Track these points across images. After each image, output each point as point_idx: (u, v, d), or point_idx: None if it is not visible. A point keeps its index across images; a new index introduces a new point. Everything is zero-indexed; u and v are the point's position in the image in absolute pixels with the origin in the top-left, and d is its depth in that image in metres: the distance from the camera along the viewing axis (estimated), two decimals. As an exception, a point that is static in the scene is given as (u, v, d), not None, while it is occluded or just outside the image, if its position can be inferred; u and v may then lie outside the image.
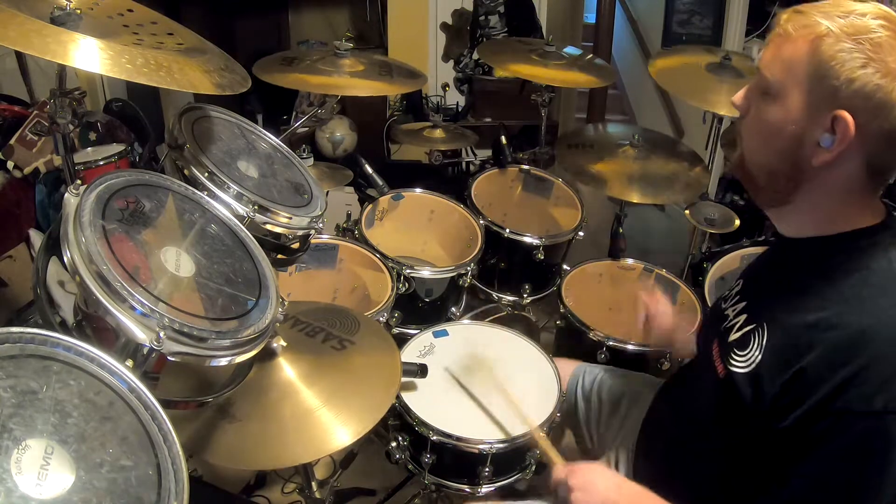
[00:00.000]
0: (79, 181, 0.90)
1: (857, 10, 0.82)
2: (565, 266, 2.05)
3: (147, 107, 2.66)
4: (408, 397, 1.40)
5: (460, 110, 3.62)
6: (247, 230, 1.06)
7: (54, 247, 0.82)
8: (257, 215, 1.10)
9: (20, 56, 2.49)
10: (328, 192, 2.04)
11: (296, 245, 1.22)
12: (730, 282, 1.31)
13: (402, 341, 1.54)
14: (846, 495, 0.84)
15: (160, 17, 1.21)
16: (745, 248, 1.99)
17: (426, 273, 1.82)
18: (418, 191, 2.10)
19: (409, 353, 1.53)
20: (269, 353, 1.13)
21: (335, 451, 1.58)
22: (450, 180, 3.01)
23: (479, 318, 2.01)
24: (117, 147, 2.26)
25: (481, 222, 1.99)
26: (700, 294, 1.87)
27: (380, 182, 2.02)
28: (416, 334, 1.60)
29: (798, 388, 0.85)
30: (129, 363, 0.77)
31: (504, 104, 3.41)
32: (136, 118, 2.48)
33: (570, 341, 1.82)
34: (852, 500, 0.84)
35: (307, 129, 3.03)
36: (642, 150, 2.10)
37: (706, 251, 2.26)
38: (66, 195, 0.84)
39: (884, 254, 0.88)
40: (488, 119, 3.49)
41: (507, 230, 1.97)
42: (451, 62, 3.76)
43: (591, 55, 2.42)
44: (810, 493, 0.85)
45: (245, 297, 0.95)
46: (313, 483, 1.39)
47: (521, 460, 1.42)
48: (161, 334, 0.78)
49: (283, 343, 1.14)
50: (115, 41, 0.97)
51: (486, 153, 3.14)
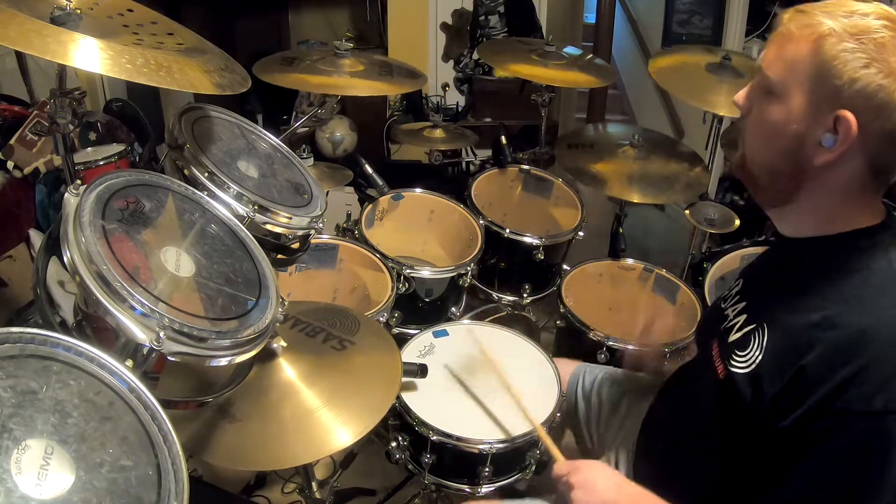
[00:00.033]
0: (79, 181, 0.90)
1: (860, 10, 0.82)
2: (565, 266, 2.05)
3: (147, 107, 2.65)
4: (408, 397, 1.40)
5: (460, 110, 3.62)
6: (247, 230, 1.06)
7: (54, 247, 0.82)
8: (257, 215, 1.10)
9: (20, 56, 2.49)
10: (328, 192, 2.04)
11: (296, 245, 1.22)
12: (730, 282, 1.31)
13: (402, 341, 1.54)
14: (846, 495, 0.84)
15: (160, 17, 1.21)
16: (745, 248, 1.99)
17: (426, 273, 1.82)
18: (418, 191, 2.10)
19: (409, 353, 1.53)
20: (270, 354, 1.13)
21: (335, 452, 1.58)
22: (450, 180, 3.01)
23: (479, 318, 2.01)
24: (117, 147, 2.26)
25: (481, 222, 1.99)
26: (700, 294, 1.87)
27: (380, 182, 2.01)
28: (416, 334, 1.60)
29: (798, 387, 0.85)
30: (129, 363, 0.77)
31: (504, 104, 3.41)
32: (136, 118, 2.48)
33: (570, 341, 1.82)
34: (853, 500, 0.84)
35: (307, 129, 3.03)
36: (642, 150, 2.10)
37: (706, 251, 2.26)
38: (66, 195, 0.84)
39: (884, 254, 0.88)
40: (488, 119, 3.49)
41: (507, 230, 1.97)
42: (451, 62, 3.76)
43: (591, 55, 2.42)
44: (810, 493, 0.85)
45: (245, 297, 0.95)
46: (313, 483, 1.39)
47: (521, 460, 1.42)
48: (161, 334, 0.78)
49: (283, 343, 1.14)
50: (115, 41, 0.97)
51: (486, 153, 3.13)
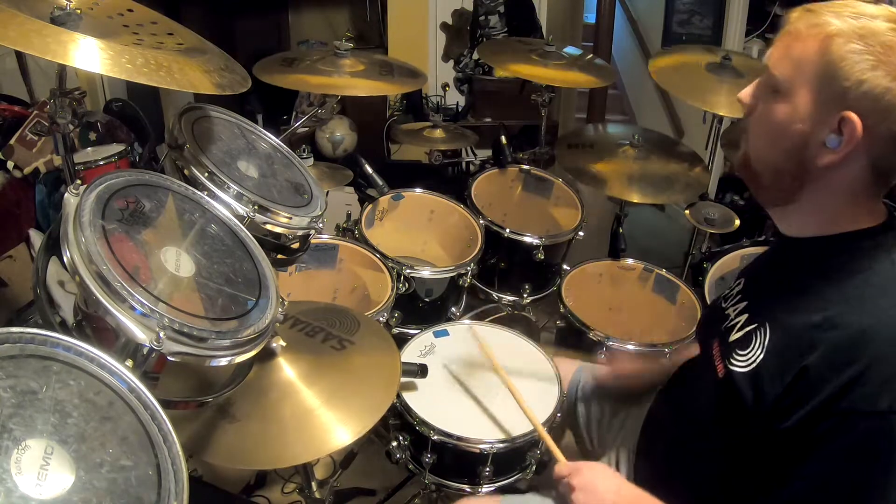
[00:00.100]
0: (79, 181, 0.90)
1: (869, 12, 0.82)
2: (565, 266, 2.05)
3: (147, 107, 2.66)
4: (409, 397, 1.40)
5: (460, 110, 3.61)
6: (247, 230, 1.06)
7: (54, 247, 0.82)
8: (257, 215, 1.10)
9: (20, 56, 2.49)
10: (328, 192, 2.04)
11: (296, 245, 1.22)
12: (730, 282, 1.31)
13: (402, 341, 1.54)
14: (850, 496, 0.83)
15: (160, 17, 1.21)
16: (745, 248, 1.99)
17: (426, 273, 1.82)
18: (418, 191, 2.10)
19: (410, 353, 1.53)
20: (269, 353, 1.13)
21: (335, 451, 1.58)
22: (450, 180, 3.01)
23: (479, 318, 2.01)
24: (117, 147, 2.26)
25: (481, 222, 1.99)
26: (700, 294, 1.87)
27: (380, 182, 2.01)
28: (416, 334, 1.60)
29: (801, 388, 0.84)
30: (129, 363, 0.77)
31: (504, 104, 3.41)
32: (136, 118, 2.48)
33: (570, 341, 1.82)
34: (856, 501, 0.83)
35: (307, 129, 3.03)
36: (642, 150, 2.10)
37: (706, 251, 2.26)
38: (66, 195, 0.84)
39: (886, 255, 0.88)
40: (488, 119, 3.49)
41: (507, 230, 1.97)
42: (451, 62, 3.76)
43: (591, 55, 2.42)
44: (813, 494, 0.85)
45: (245, 297, 0.95)
46: (313, 483, 1.39)
47: (521, 460, 1.42)
48: (161, 334, 0.78)
49: (282, 343, 1.14)
50: (115, 41, 0.97)
51: (486, 153, 3.13)
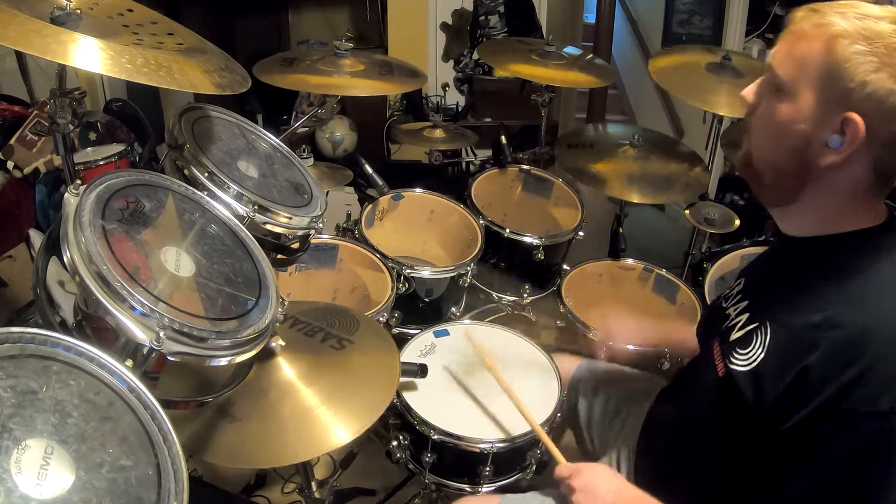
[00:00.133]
0: (79, 181, 0.90)
1: (874, 14, 0.82)
2: (565, 266, 2.05)
3: (147, 107, 2.66)
4: (409, 396, 1.40)
5: (460, 110, 3.62)
6: (247, 230, 1.06)
7: (54, 247, 0.82)
8: (257, 215, 1.10)
9: (20, 56, 2.49)
10: (328, 192, 2.04)
11: (296, 245, 1.22)
12: (730, 282, 1.31)
13: (402, 341, 1.55)
14: (851, 497, 0.84)
15: (160, 17, 1.21)
16: (745, 248, 1.99)
17: (426, 273, 1.82)
18: (418, 191, 2.10)
19: (410, 353, 1.53)
20: (269, 353, 1.13)
21: (334, 450, 1.58)
22: (450, 180, 3.01)
23: (479, 318, 2.01)
24: (117, 147, 2.26)
25: (481, 222, 1.99)
26: (700, 294, 1.87)
27: (380, 182, 2.01)
28: (416, 334, 1.60)
29: (801, 388, 0.85)
30: (129, 363, 0.77)
31: (504, 104, 3.41)
32: (136, 118, 2.48)
33: (569, 341, 1.81)
34: (857, 501, 0.83)
35: (307, 129, 3.03)
36: (642, 150, 2.10)
37: (706, 251, 2.26)
38: (66, 195, 0.84)
39: (887, 255, 0.88)
40: (488, 119, 3.49)
41: (507, 230, 1.97)
42: (451, 62, 3.76)
43: (591, 55, 2.42)
44: (814, 495, 0.85)
45: (245, 297, 0.95)
46: (313, 483, 1.39)
47: (521, 460, 1.42)
48: (161, 334, 0.78)
49: (281, 343, 1.14)
50: (115, 41, 0.97)
51: (486, 153, 3.13)
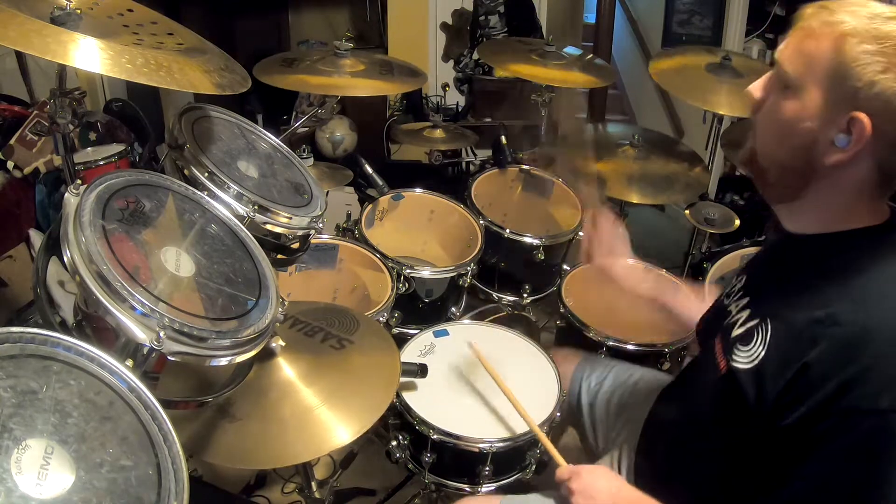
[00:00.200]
0: (79, 181, 0.90)
1: (884, 14, 0.81)
2: (565, 266, 2.05)
3: (147, 107, 2.66)
4: (408, 396, 1.40)
5: (460, 110, 3.62)
6: (247, 230, 1.06)
7: (54, 247, 0.82)
8: (257, 215, 1.10)
9: (20, 56, 2.49)
10: (328, 192, 2.04)
11: (296, 245, 1.22)
12: (730, 281, 1.31)
13: (402, 341, 1.55)
14: (851, 495, 0.83)
15: (160, 17, 1.21)
16: (745, 248, 1.99)
17: (426, 273, 1.82)
18: (418, 191, 2.10)
19: (410, 353, 1.53)
20: (269, 353, 1.13)
21: (335, 450, 1.58)
22: (450, 180, 3.01)
23: (479, 318, 2.01)
24: (117, 147, 2.26)
25: (481, 222, 1.99)
26: (700, 294, 1.87)
27: (380, 182, 2.02)
28: (416, 334, 1.61)
29: (801, 385, 0.84)
30: (129, 363, 0.77)
31: (504, 104, 3.41)
32: (136, 118, 2.48)
33: (570, 341, 1.82)
34: (857, 500, 0.83)
35: (307, 129, 3.03)
36: (642, 150, 2.10)
37: (706, 251, 2.26)
38: (66, 195, 0.84)
39: (890, 254, 0.88)
40: (488, 119, 3.49)
41: (507, 230, 1.97)
42: (451, 62, 3.76)
43: (591, 55, 2.42)
44: (814, 494, 0.85)
45: (245, 297, 0.95)
46: (313, 483, 1.39)
47: (521, 460, 1.42)
48: (161, 334, 0.78)
49: (281, 343, 1.14)
50: (115, 41, 0.97)
51: (486, 153, 3.14)
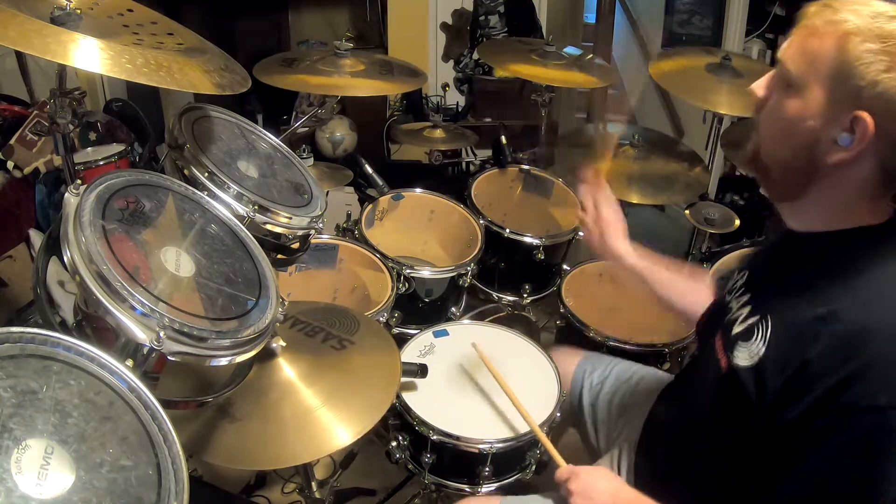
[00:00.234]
0: (79, 181, 0.90)
1: (888, 13, 0.81)
2: (565, 266, 2.05)
3: (147, 107, 2.65)
4: (408, 397, 1.40)
5: (460, 110, 3.62)
6: (247, 230, 1.06)
7: (54, 247, 0.82)
8: (257, 215, 1.10)
9: (20, 56, 2.48)
10: (328, 192, 2.04)
11: (296, 245, 1.22)
12: (728, 278, 1.31)
13: (402, 341, 1.55)
14: (849, 492, 0.83)
15: (160, 17, 1.21)
16: (744, 248, 1.99)
17: (426, 273, 1.82)
18: (418, 191, 2.10)
19: (410, 353, 1.53)
20: (269, 353, 1.13)
21: (335, 451, 1.58)
22: (450, 180, 3.01)
23: (478, 318, 2.01)
24: (117, 147, 2.26)
25: (481, 222, 1.99)
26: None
27: (380, 182, 2.02)
28: (416, 334, 1.60)
29: (801, 381, 0.84)
30: (129, 363, 0.77)
31: (504, 104, 3.41)
32: (136, 118, 2.48)
33: (570, 341, 1.82)
34: (856, 497, 0.83)
35: (307, 129, 3.03)
36: (642, 150, 2.10)
37: (706, 251, 2.26)
38: (66, 195, 0.84)
39: (891, 254, 0.88)
40: (488, 119, 3.49)
41: (507, 230, 1.97)
42: (451, 62, 3.76)
43: (591, 55, 2.42)
44: (812, 490, 0.85)
45: (245, 297, 0.95)
46: (313, 483, 1.39)
47: (521, 460, 1.42)
48: (161, 334, 0.78)
49: (282, 343, 1.14)
50: (115, 41, 0.97)
51: (486, 153, 3.13)
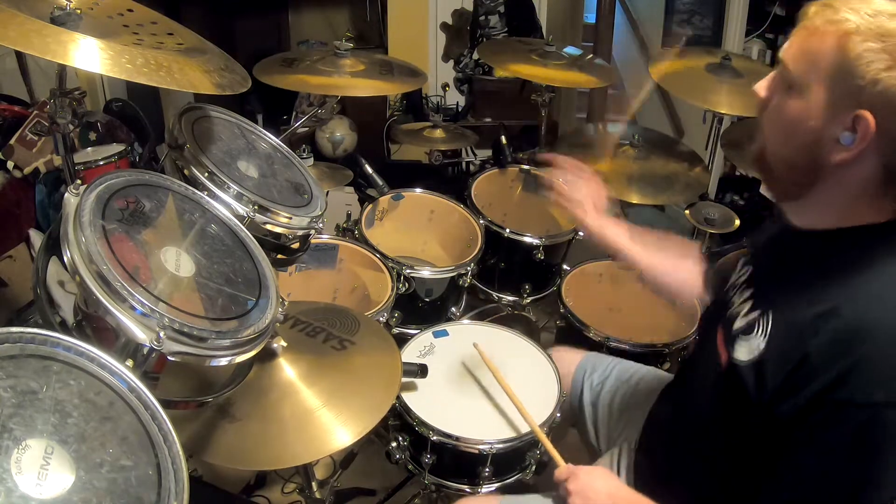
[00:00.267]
0: (79, 181, 0.90)
1: (887, 11, 0.81)
2: (565, 266, 2.05)
3: (147, 107, 2.65)
4: (408, 397, 1.40)
5: (460, 110, 3.62)
6: (247, 230, 1.06)
7: (54, 247, 0.82)
8: (257, 215, 1.10)
9: (20, 56, 2.49)
10: (328, 192, 2.04)
11: (296, 245, 1.22)
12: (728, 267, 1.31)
13: (402, 341, 1.54)
14: (843, 486, 0.84)
15: (160, 17, 1.21)
16: (744, 248, 1.99)
17: (426, 273, 1.82)
18: (418, 191, 2.10)
19: (409, 353, 1.53)
20: (270, 354, 1.13)
21: (335, 452, 1.58)
22: (450, 180, 3.01)
23: (479, 318, 2.01)
24: (117, 147, 2.26)
25: (481, 222, 1.99)
26: (700, 294, 1.87)
27: (380, 182, 2.02)
28: (416, 334, 1.60)
29: (800, 377, 0.85)
30: (129, 363, 0.77)
31: (504, 104, 3.41)
32: (136, 118, 2.48)
33: (570, 341, 1.81)
34: (848, 491, 0.84)
35: (307, 129, 3.03)
36: (642, 150, 2.10)
37: (706, 251, 2.26)
38: (66, 195, 0.84)
39: (893, 252, 0.88)
40: (488, 119, 3.49)
41: (507, 230, 1.97)
42: (451, 62, 3.76)
43: (591, 55, 2.42)
44: (806, 483, 0.86)
45: (245, 297, 0.95)
46: (313, 483, 1.39)
47: (521, 460, 1.42)
48: (161, 334, 0.78)
49: (283, 343, 1.14)
50: (115, 41, 0.97)
51: (486, 153, 3.14)
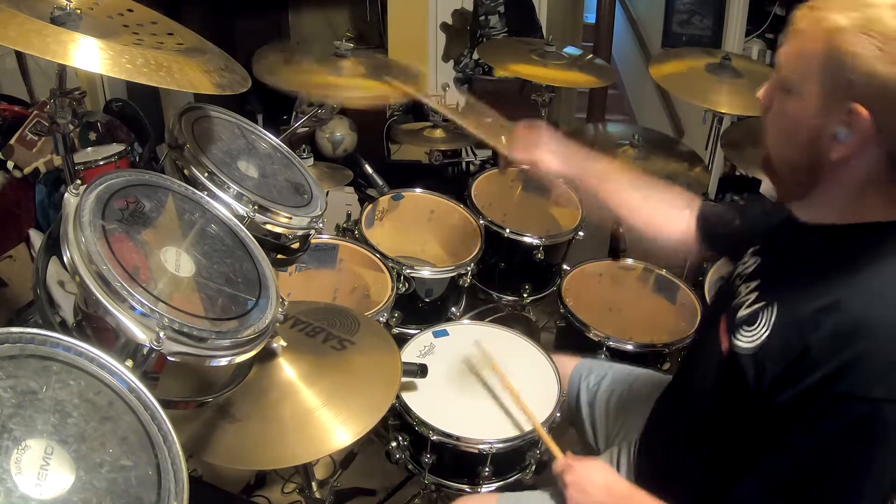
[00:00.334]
0: (79, 181, 0.90)
1: (870, 3, 0.82)
2: (565, 266, 2.05)
3: (147, 107, 2.65)
4: (408, 397, 1.40)
5: (460, 110, 3.61)
6: (247, 230, 1.06)
7: (54, 247, 0.82)
8: (257, 215, 1.10)
9: (20, 56, 2.48)
10: (328, 192, 2.04)
11: (296, 245, 1.22)
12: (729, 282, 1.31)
13: (402, 341, 1.54)
14: (836, 478, 0.84)
15: (160, 17, 1.21)
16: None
17: (426, 273, 1.82)
18: (418, 191, 2.10)
19: (409, 353, 1.53)
20: (269, 354, 1.13)
21: (335, 452, 1.58)
22: (450, 180, 3.00)
23: (478, 318, 2.01)
24: (117, 147, 2.26)
25: (481, 222, 1.99)
26: (700, 294, 1.87)
27: (380, 182, 2.02)
28: (416, 334, 1.60)
29: (800, 368, 0.85)
30: (129, 363, 0.77)
31: (504, 104, 3.40)
32: (136, 118, 2.48)
33: (570, 341, 1.82)
34: (840, 482, 0.84)
35: (307, 129, 3.03)
36: (642, 150, 2.10)
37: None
38: (66, 195, 0.84)
39: None
40: (488, 119, 3.48)
41: (507, 230, 1.97)
42: (451, 62, 3.76)
43: (591, 55, 2.42)
44: (800, 471, 0.86)
45: (245, 297, 0.95)
46: (313, 483, 1.39)
47: (521, 460, 1.42)
48: (161, 334, 0.78)
49: (283, 343, 1.14)
50: (115, 41, 0.97)
51: (486, 153, 3.13)
